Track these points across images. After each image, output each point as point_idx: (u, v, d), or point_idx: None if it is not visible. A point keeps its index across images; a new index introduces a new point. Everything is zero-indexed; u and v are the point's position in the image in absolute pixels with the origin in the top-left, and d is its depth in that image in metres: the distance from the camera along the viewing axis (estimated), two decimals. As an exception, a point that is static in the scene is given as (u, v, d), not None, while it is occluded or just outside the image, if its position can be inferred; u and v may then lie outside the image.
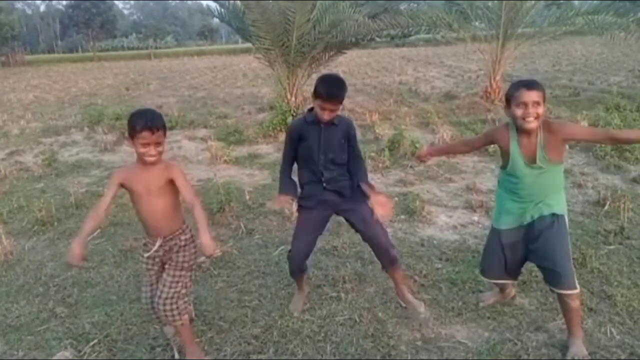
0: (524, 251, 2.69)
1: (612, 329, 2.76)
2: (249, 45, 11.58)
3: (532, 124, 2.44)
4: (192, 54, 45.92)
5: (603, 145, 6.14)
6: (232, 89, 16.48)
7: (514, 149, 2.56)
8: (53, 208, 4.96)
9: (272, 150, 7.52)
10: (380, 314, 2.98)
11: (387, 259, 2.91)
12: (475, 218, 4.48)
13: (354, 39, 9.42)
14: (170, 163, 2.53)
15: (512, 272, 2.82)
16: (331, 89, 2.67)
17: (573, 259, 3.39)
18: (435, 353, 2.64)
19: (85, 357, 2.71)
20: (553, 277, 2.53)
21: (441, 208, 4.78)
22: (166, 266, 2.56)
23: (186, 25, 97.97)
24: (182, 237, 2.56)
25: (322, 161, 2.78)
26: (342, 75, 14.45)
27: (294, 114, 8.35)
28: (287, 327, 2.88)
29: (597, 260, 3.47)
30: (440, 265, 3.58)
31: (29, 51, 57.42)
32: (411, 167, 6.14)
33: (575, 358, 2.51)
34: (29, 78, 25.60)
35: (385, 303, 3.11)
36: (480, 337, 2.76)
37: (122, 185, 2.51)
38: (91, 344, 2.81)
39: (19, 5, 77.99)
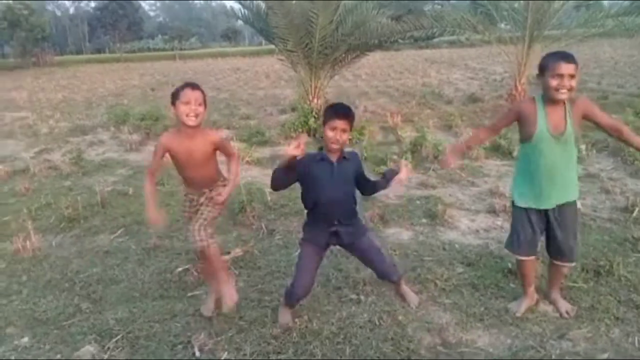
0: (544, 229, 2.86)
1: (640, 339, 2.68)
2: (272, 46, 11.65)
3: (564, 95, 2.56)
4: (216, 55, 46.43)
5: (632, 150, 5.99)
6: (255, 90, 16.60)
7: (542, 119, 2.64)
8: (80, 206, 5.07)
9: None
10: (400, 317, 2.96)
11: (389, 281, 3.13)
12: (499, 222, 4.41)
13: (377, 41, 9.37)
14: (209, 132, 2.85)
15: (537, 246, 2.94)
16: (339, 108, 2.74)
17: (599, 266, 3.38)
18: (456, 359, 2.61)
19: (108, 352, 2.76)
20: (563, 253, 2.84)
21: (463, 212, 4.72)
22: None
23: (210, 27, 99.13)
24: (220, 185, 2.90)
25: (336, 199, 2.75)
26: (364, 77, 14.44)
27: (316, 116, 8.36)
28: (307, 328, 2.89)
29: (625, 268, 3.38)
30: (462, 270, 3.54)
31: (58, 52, 58.85)
32: (433, 170, 6.08)
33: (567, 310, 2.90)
34: (58, 78, 26.24)
35: (406, 306, 3.09)
36: (502, 343, 2.72)
37: (167, 150, 2.79)
38: (114, 339, 2.87)
39: (49, 7, 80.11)
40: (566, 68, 2.51)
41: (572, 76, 2.52)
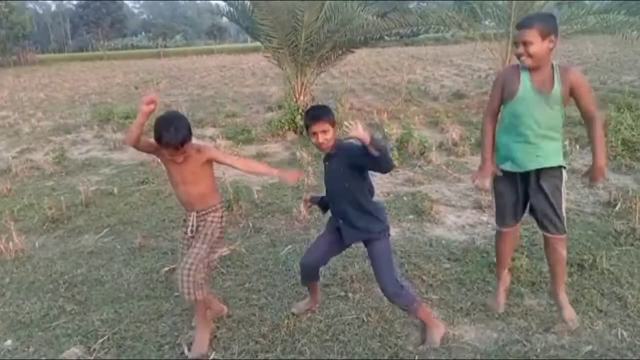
0: (526, 195, 2.73)
1: (623, 331, 2.73)
2: (257, 44, 11.60)
3: (525, 61, 2.50)
4: (201, 52, 46.06)
5: (614, 146, 6.09)
6: (241, 87, 16.51)
7: (525, 78, 2.57)
8: (63, 206, 5.01)
9: (280, 149, 7.53)
10: (388, 314, 2.97)
11: (392, 303, 2.77)
12: (484, 218, 4.45)
13: (362, 38, 9.37)
14: (201, 146, 2.73)
15: (520, 213, 2.82)
16: (312, 111, 2.68)
17: (583, 260, 3.42)
18: (443, 354, 2.63)
19: (94, 354, 2.73)
20: (543, 224, 2.70)
21: (450, 208, 4.76)
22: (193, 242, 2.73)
23: (195, 24, 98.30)
24: (213, 215, 2.75)
25: (331, 198, 2.75)
26: (350, 74, 14.41)
27: (302, 113, 8.34)
28: (295, 326, 2.89)
29: (608, 262, 3.43)
30: (448, 266, 3.57)
31: (40, 50, 57.83)
32: (420, 166, 6.12)
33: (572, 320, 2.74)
34: (39, 77, 25.83)
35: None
36: (488, 338, 2.75)
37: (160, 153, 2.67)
38: (100, 341, 2.84)
39: (30, 4, 78.73)
40: (519, 35, 2.48)
41: (527, 42, 2.44)
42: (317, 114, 2.62)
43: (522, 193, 2.74)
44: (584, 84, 2.59)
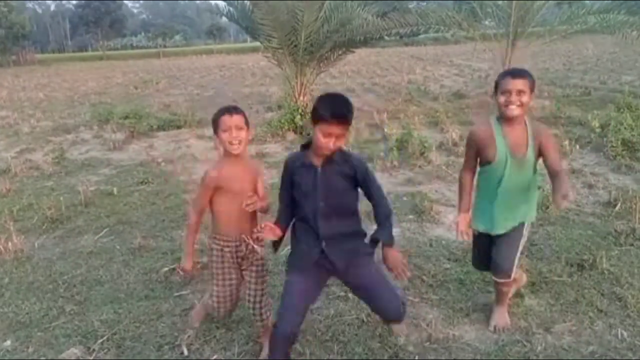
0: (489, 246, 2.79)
1: (623, 331, 2.73)
2: (257, 44, 11.60)
3: (514, 111, 2.48)
4: (200, 52, 46.11)
5: (614, 146, 6.10)
6: (241, 87, 16.51)
7: (499, 140, 2.56)
8: (62, 206, 5.00)
9: (280, 149, 7.53)
10: (388, 314, 2.96)
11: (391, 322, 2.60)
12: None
13: (362, 38, 9.37)
14: (254, 161, 2.57)
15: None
16: (335, 107, 2.14)
17: (583, 260, 3.42)
18: (443, 354, 2.63)
19: (94, 354, 2.73)
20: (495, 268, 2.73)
21: (450, 208, 4.75)
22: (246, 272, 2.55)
23: (195, 24, 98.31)
24: (259, 243, 2.49)
25: (320, 213, 2.25)
26: (350, 74, 14.33)
27: (302, 113, 8.34)
28: (295, 326, 2.88)
29: (608, 262, 3.43)
30: (448, 266, 3.56)
31: (39, 50, 57.93)
32: (420, 166, 6.11)
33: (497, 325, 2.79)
34: (39, 77, 25.83)
35: (393, 303, 3.10)
36: (488, 338, 2.74)
37: (218, 185, 2.40)
38: (100, 341, 2.83)
39: (29, 4, 78.73)
40: (513, 84, 2.45)
41: (521, 92, 2.44)
42: (343, 113, 2.15)
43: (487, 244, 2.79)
44: (553, 144, 2.57)
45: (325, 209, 2.25)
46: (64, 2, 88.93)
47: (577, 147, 6.56)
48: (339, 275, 2.42)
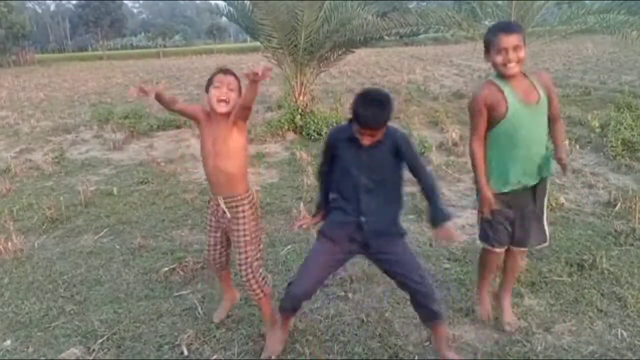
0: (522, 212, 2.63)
1: (623, 331, 2.73)
2: (257, 44, 11.60)
3: (514, 69, 2.38)
4: (200, 52, 46.04)
5: (614, 146, 6.10)
6: (241, 87, 16.49)
7: (510, 95, 2.43)
8: (62, 206, 5.00)
9: (280, 149, 7.52)
10: (387, 314, 2.97)
11: (425, 313, 2.39)
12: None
13: (362, 38, 9.35)
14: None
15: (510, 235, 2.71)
16: (368, 112, 2.08)
17: (583, 260, 3.42)
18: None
19: (93, 354, 2.73)
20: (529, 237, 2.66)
21: (450, 208, 4.75)
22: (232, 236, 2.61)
23: (194, 24, 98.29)
24: (242, 206, 2.55)
25: (363, 188, 2.23)
26: (350, 74, 14.26)
27: (302, 113, 8.34)
28: (295, 326, 2.88)
29: (608, 262, 3.43)
30: (448, 266, 3.56)
31: (39, 50, 57.87)
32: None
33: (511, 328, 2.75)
34: (39, 77, 25.81)
35: (393, 303, 3.10)
36: (488, 338, 2.74)
37: (198, 114, 2.52)
38: (100, 341, 2.83)
39: (29, 4, 78.74)
40: (507, 40, 2.32)
41: (517, 47, 2.33)
42: (379, 119, 2.08)
43: (510, 211, 2.64)
44: (553, 88, 2.57)
45: (368, 184, 2.23)
46: (64, 2, 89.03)
47: (577, 147, 6.56)
48: (368, 254, 2.39)
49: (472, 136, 2.58)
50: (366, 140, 2.16)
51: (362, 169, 2.22)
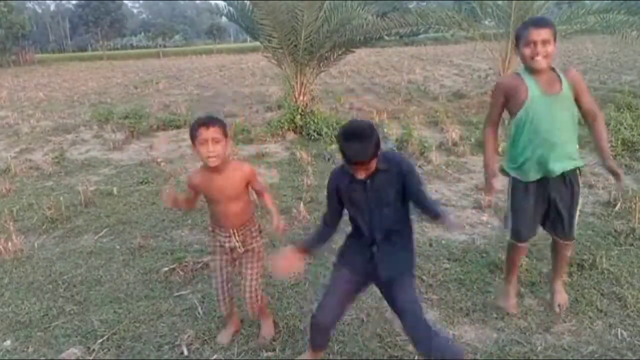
0: (547, 203, 2.68)
1: (623, 331, 2.73)
2: (257, 44, 11.60)
3: (541, 63, 2.42)
4: (200, 52, 46.00)
5: (614, 146, 6.10)
6: (240, 87, 16.50)
7: (532, 85, 2.48)
8: (62, 206, 5.00)
9: (280, 149, 7.52)
10: (387, 314, 2.96)
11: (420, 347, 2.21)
12: (484, 218, 4.44)
13: (362, 38, 9.36)
14: (239, 165, 2.60)
15: (537, 226, 2.79)
16: (351, 147, 2.01)
17: (583, 260, 3.42)
18: (443, 354, 2.62)
19: (93, 354, 2.73)
20: (562, 230, 2.71)
21: (450, 208, 4.75)
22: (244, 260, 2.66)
23: (194, 24, 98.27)
24: (253, 229, 2.66)
25: (375, 222, 2.19)
26: (350, 74, 14.23)
27: (302, 113, 8.34)
28: (295, 326, 2.88)
29: (608, 262, 3.43)
30: (448, 266, 3.56)
31: (39, 50, 57.82)
32: (420, 166, 6.11)
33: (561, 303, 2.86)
34: (39, 77, 25.81)
35: (393, 303, 3.10)
36: (488, 338, 2.74)
37: (196, 190, 2.60)
38: (100, 341, 2.83)
39: (29, 4, 78.72)
40: (538, 34, 2.37)
41: (545, 41, 2.37)
42: (358, 157, 2.01)
43: (541, 203, 2.67)
44: (584, 85, 2.58)
45: (379, 220, 2.18)
46: (64, 2, 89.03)
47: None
48: (378, 285, 2.35)
49: (487, 120, 2.70)
50: (361, 174, 2.11)
51: (367, 204, 2.18)
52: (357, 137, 2.01)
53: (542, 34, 2.39)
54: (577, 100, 2.55)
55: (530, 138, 2.55)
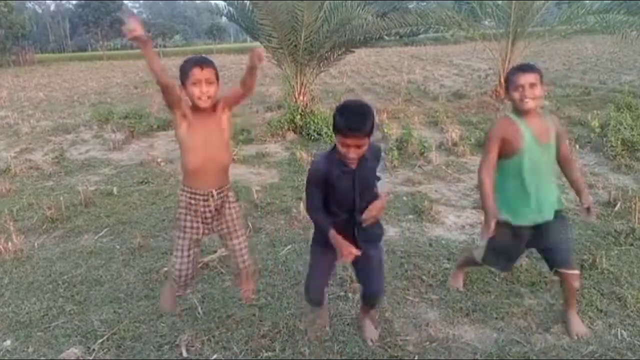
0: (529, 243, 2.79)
1: (623, 331, 2.73)
2: (257, 44, 11.62)
3: (529, 104, 2.53)
4: (200, 52, 46.01)
5: (614, 146, 6.10)
6: (240, 87, 16.48)
7: (526, 132, 2.58)
8: (62, 206, 5.00)
9: (280, 149, 7.53)
10: (387, 314, 2.97)
11: (370, 305, 2.70)
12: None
13: (362, 38, 9.37)
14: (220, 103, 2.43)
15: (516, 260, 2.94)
16: (351, 121, 2.10)
17: (583, 260, 3.42)
18: (443, 354, 2.63)
19: (93, 354, 2.73)
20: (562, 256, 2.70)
21: (450, 208, 4.76)
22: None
23: (194, 24, 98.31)
24: (231, 194, 2.60)
25: (357, 207, 2.31)
26: (350, 74, 14.26)
27: (302, 113, 8.34)
28: (295, 326, 2.88)
29: (608, 262, 3.43)
30: (448, 266, 3.56)
31: (39, 50, 57.89)
32: (419, 166, 6.11)
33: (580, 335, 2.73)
34: (39, 77, 25.81)
35: (393, 303, 3.10)
36: (488, 337, 2.75)
37: (184, 113, 2.39)
38: (100, 341, 2.83)
39: (29, 4, 78.74)
40: (525, 78, 2.51)
41: (533, 85, 2.51)
42: (358, 126, 2.10)
43: (524, 244, 2.77)
44: (562, 128, 2.74)
45: (363, 205, 2.31)
46: (64, 2, 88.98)
47: (577, 147, 6.56)
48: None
49: (483, 163, 2.68)
50: (352, 158, 2.17)
51: (355, 193, 2.29)
52: (356, 109, 2.14)
53: (529, 78, 2.51)
54: (557, 147, 2.67)
55: (524, 184, 2.63)
